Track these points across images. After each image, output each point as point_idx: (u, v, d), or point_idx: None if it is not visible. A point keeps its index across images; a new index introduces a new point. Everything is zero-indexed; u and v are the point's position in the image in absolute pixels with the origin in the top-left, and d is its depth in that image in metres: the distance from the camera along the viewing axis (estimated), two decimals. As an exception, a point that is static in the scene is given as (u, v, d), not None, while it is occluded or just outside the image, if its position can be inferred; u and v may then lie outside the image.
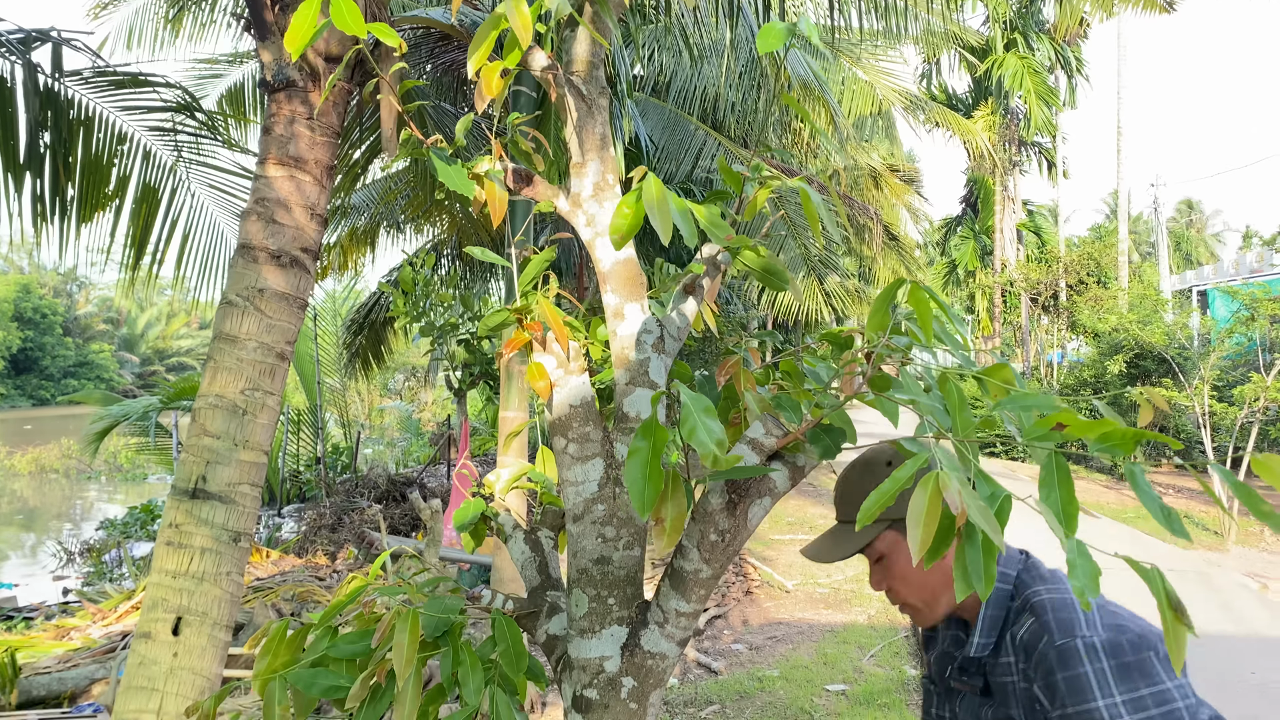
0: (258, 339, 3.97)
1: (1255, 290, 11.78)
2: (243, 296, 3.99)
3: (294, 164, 4.12)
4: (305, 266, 4.18)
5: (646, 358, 1.50)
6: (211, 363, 3.99)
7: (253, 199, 4.13)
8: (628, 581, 1.45)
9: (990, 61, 23.79)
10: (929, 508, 1.04)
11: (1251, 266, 24.08)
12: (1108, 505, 13.44)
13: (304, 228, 4.15)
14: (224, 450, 3.85)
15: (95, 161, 6.27)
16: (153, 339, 69.78)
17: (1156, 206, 26.54)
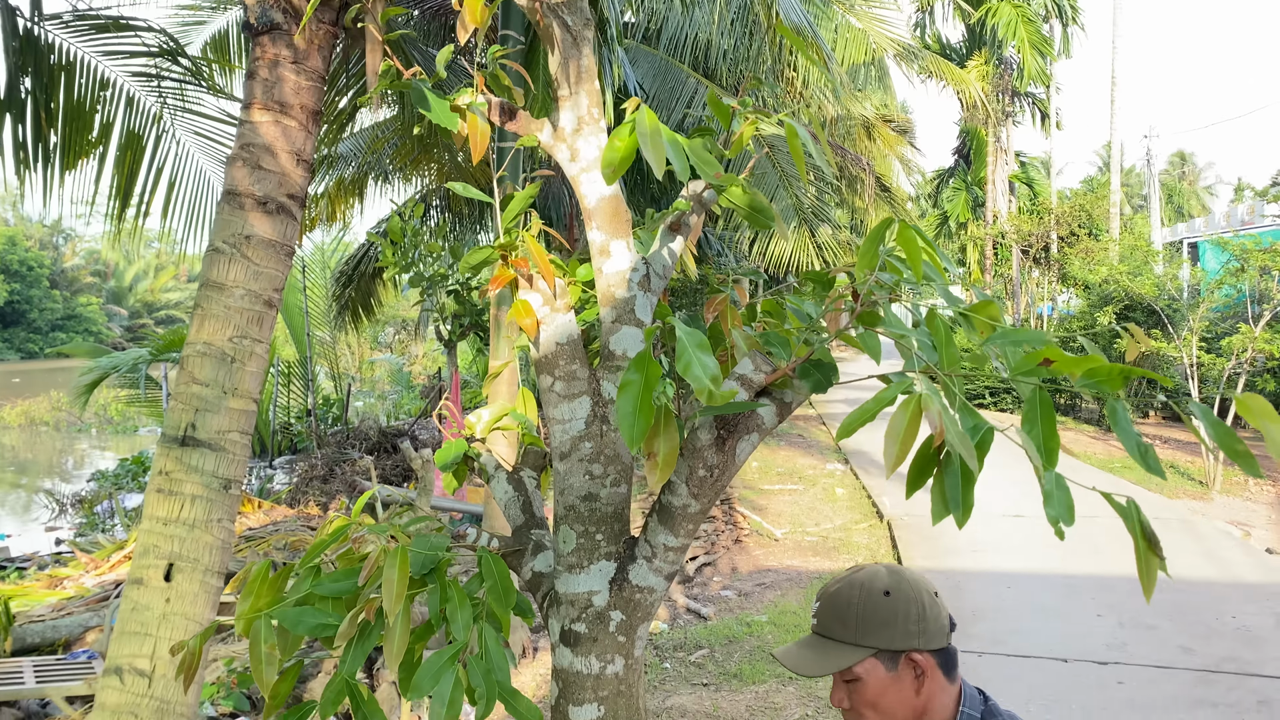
0: (245, 286, 3.94)
1: (1246, 241, 11.78)
2: (229, 244, 3.95)
3: (279, 109, 4.06)
4: (292, 213, 4.14)
5: (633, 296, 1.49)
6: (199, 310, 3.96)
7: (238, 144, 4.08)
8: (615, 518, 1.46)
9: (984, 9, 23.53)
10: (907, 426, 1.04)
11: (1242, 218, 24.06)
12: (1095, 455, 13.55)
13: (290, 173, 4.11)
14: (213, 398, 3.84)
15: (78, 108, 6.19)
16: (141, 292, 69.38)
17: (1149, 158, 26.43)
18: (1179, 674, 5.28)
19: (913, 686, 1.43)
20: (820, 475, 12.51)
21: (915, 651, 1.42)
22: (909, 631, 1.42)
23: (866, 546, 8.70)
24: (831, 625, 1.47)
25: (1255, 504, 10.81)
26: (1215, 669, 5.34)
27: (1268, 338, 11.23)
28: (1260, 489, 11.52)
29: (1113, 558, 7.71)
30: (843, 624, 1.45)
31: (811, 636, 1.53)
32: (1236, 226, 22.96)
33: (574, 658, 1.44)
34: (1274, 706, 4.83)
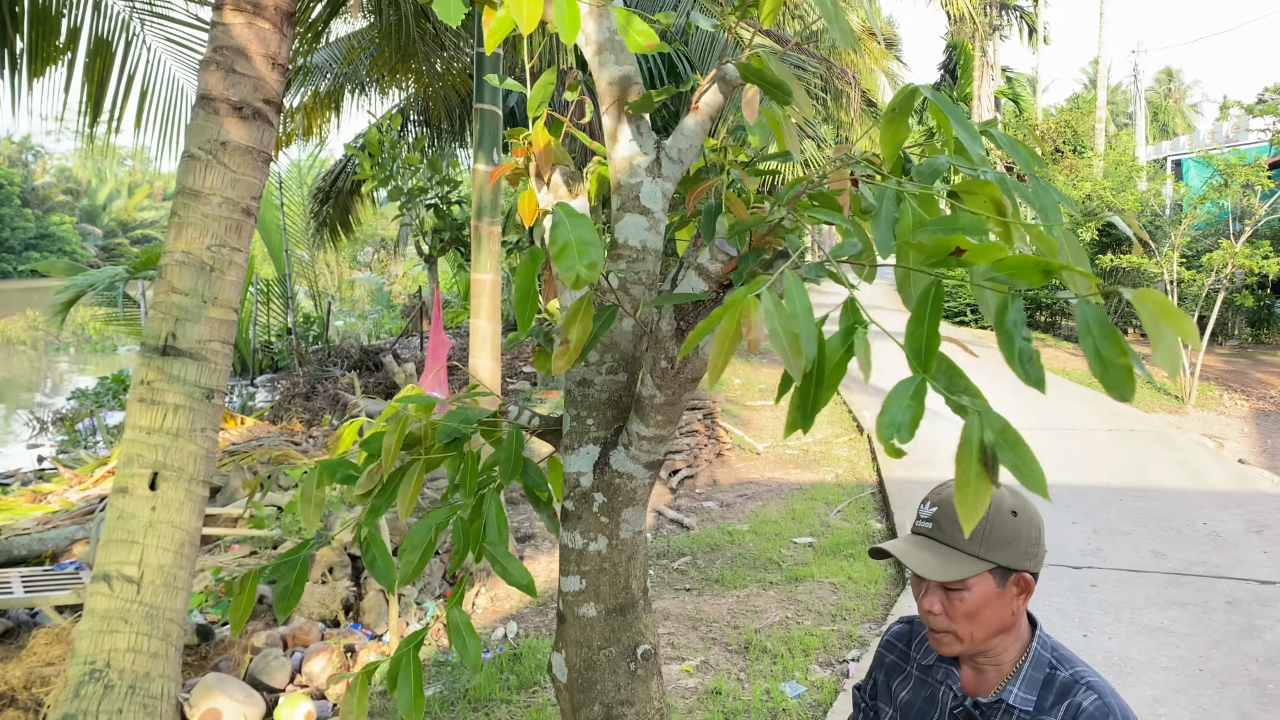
0: (222, 194, 3.88)
1: (1230, 157, 11.76)
2: (204, 150, 3.87)
3: (252, 9, 3.95)
4: (268, 119, 4.05)
5: (639, 182, 1.47)
6: (176, 219, 3.90)
7: (210, 47, 3.96)
8: (609, 404, 1.46)
9: (974, -81, 23.01)
10: (730, 333, 0.94)
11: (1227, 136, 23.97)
12: (1073, 371, 13.68)
13: (265, 77, 4.01)
14: (193, 307, 3.80)
15: (43, 12, 6.00)
16: (115, 211, 68.30)
17: (1136, 74, 26.21)
18: (1150, 576, 5.41)
19: (1012, 604, 1.49)
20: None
21: (1026, 573, 1.49)
22: (1026, 553, 1.48)
23: (847, 459, 8.81)
24: (955, 533, 1.50)
25: (1229, 418, 10.99)
26: (1185, 572, 5.47)
27: (1248, 253, 11.29)
28: (1235, 404, 11.69)
29: (1089, 470, 7.84)
30: (970, 534, 1.48)
31: (927, 540, 1.54)
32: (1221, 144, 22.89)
33: (564, 533, 1.48)
34: (1240, 606, 4.96)
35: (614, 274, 1.46)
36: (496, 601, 5.63)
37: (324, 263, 23.72)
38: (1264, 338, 16.94)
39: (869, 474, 8.21)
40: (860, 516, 7.03)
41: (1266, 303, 16.69)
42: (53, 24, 6.09)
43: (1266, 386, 12.71)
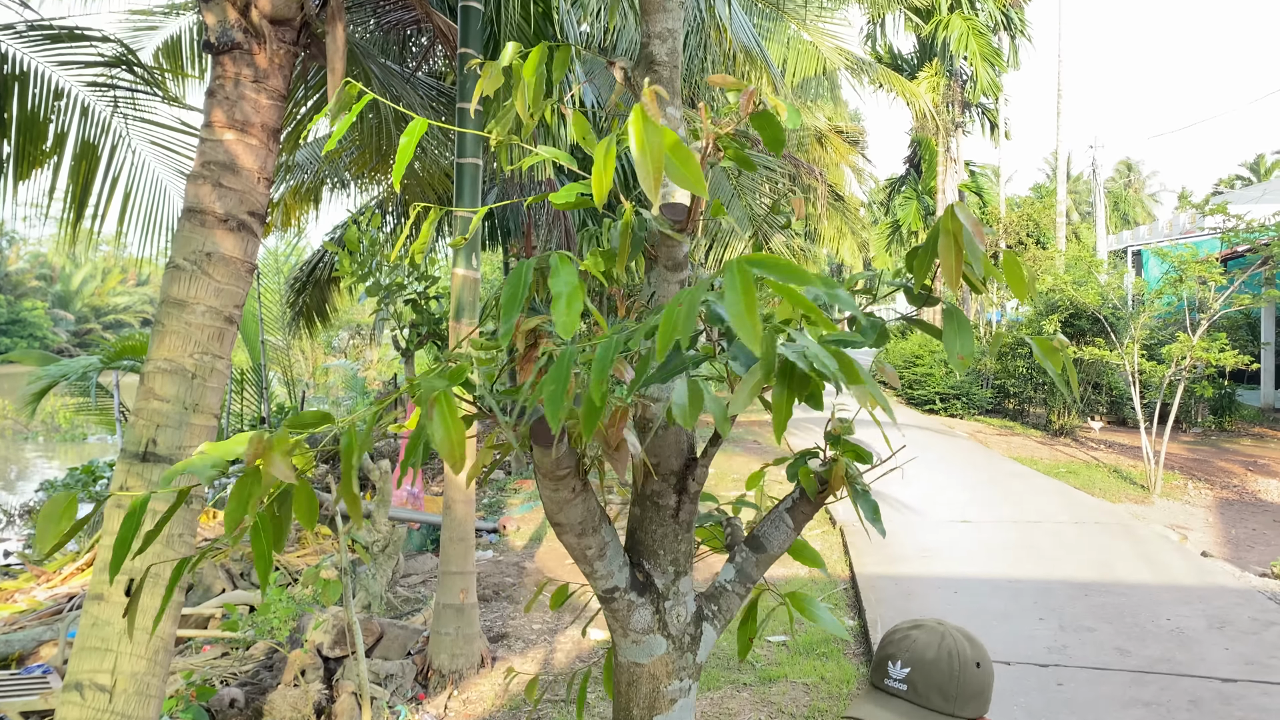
0: (206, 303, 3.99)
1: (1184, 253, 12.15)
2: (190, 261, 3.99)
3: (240, 127, 4.11)
4: (253, 230, 4.19)
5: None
6: (160, 327, 4.00)
7: (199, 162, 4.12)
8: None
9: (935, 22, 23.96)
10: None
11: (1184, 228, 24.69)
12: (1041, 461, 13.87)
13: (251, 191, 4.16)
14: (174, 414, 3.88)
15: (31, 118, 6.16)
16: (88, 295, 68.09)
17: (1095, 168, 27.04)
18: (1115, 675, 5.48)
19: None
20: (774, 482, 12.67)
21: (983, 717, 1.58)
22: (987, 699, 1.58)
23: (820, 552, 8.84)
24: (930, 696, 1.57)
25: (1194, 507, 11.15)
26: (1149, 670, 5.55)
27: (1205, 345, 11.60)
28: (1199, 492, 11.88)
29: (1055, 562, 7.94)
30: (944, 696, 1.56)
31: (903, 703, 1.59)
32: (1178, 236, 23.56)
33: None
34: (1203, 706, 5.04)
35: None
36: (469, 705, 5.60)
37: (299, 349, 23.76)
38: (1226, 425, 17.26)
39: (842, 568, 8.27)
40: (834, 613, 7.07)
41: (1227, 391, 17.05)
42: (40, 129, 6.24)
43: (1230, 475, 12.93)
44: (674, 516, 1.67)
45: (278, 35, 4.17)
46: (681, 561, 1.72)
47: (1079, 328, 15.33)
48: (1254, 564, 8.31)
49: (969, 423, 18.24)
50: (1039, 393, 17.70)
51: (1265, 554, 8.78)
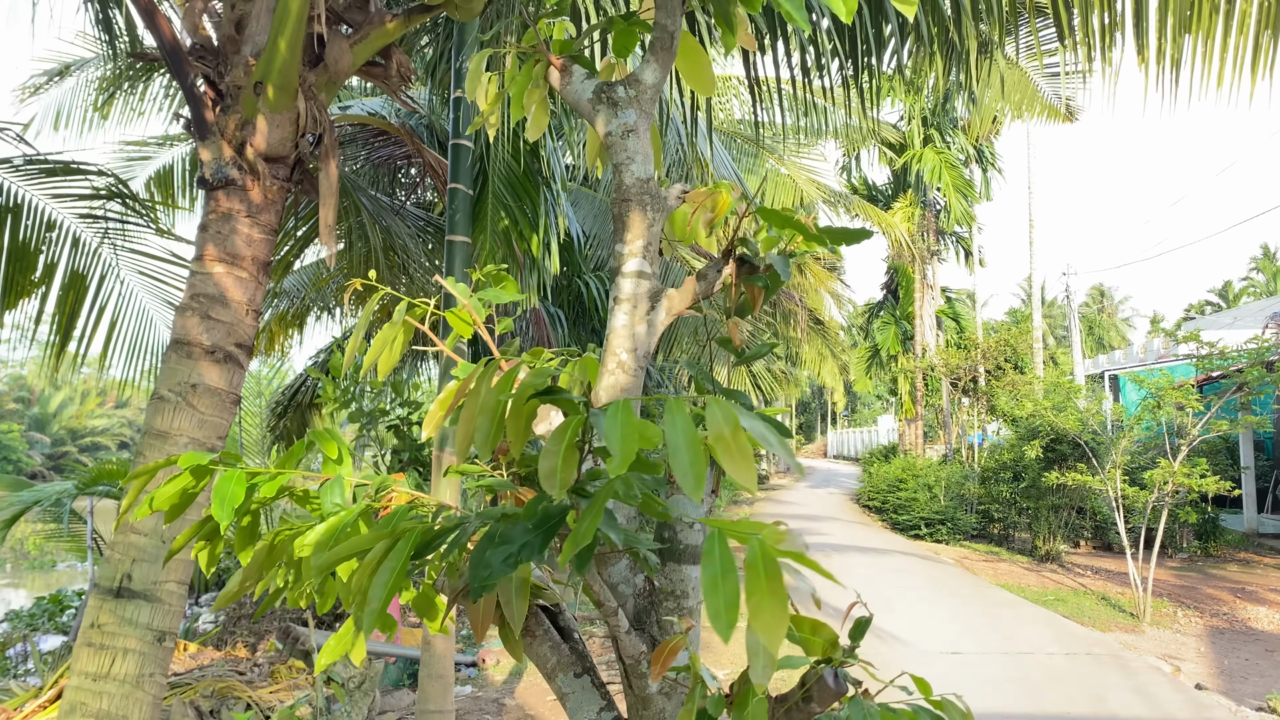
0: (189, 435, 3.97)
1: (1159, 380, 12.32)
2: (175, 392, 3.99)
3: (231, 260, 4.17)
4: (239, 361, 4.20)
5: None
6: (140, 458, 3.97)
7: (188, 294, 4.15)
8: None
9: (908, 155, 24.78)
10: None
11: (1158, 352, 25.09)
12: (1028, 588, 13.71)
13: (239, 323, 4.19)
14: (152, 548, 3.81)
15: (22, 248, 6.23)
16: (66, 419, 67.49)
17: (1069, 295, 27.62)
18: (1116, 816, 5.31)
19: None
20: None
21: None
22: None
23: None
24: None
25: (1185, 636, 11.01)
26: (1151, 810, 5.39)
27: (1186, 471, 11.64)
28: (1189, 621, 11.74)
29: (1048, 698, 7.77)
30: None
31: None
32: (1153, 360, 23.94)
33: None
34: None
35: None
36: None
37: (277, 474, 23.47)
38: (1212, 550, 17.20)
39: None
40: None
41: (1210, 516, 17.05)
42: (30, 260, 6.31)
43: (1219, 602, 12.81)
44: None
45: (271, 172, 4.27)
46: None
47: (1060, 453, 15.39)
48: (1249, 696, 8.15)
49: (955, 548, 18.09)
50: (1023, 517, 17.64)
51: (1260, 685, 8.63)
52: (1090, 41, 5.11)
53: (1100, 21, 5.00)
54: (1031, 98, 7.49)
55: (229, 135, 4.19)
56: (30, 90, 9.95)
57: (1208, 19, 4.86)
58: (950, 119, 25.02)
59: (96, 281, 6.77)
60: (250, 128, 4.20)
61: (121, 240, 6.75)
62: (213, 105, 4.28)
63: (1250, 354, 12.41)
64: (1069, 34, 5.16)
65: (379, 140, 7.67)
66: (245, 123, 4.19)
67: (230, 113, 4.23)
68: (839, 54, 5.36)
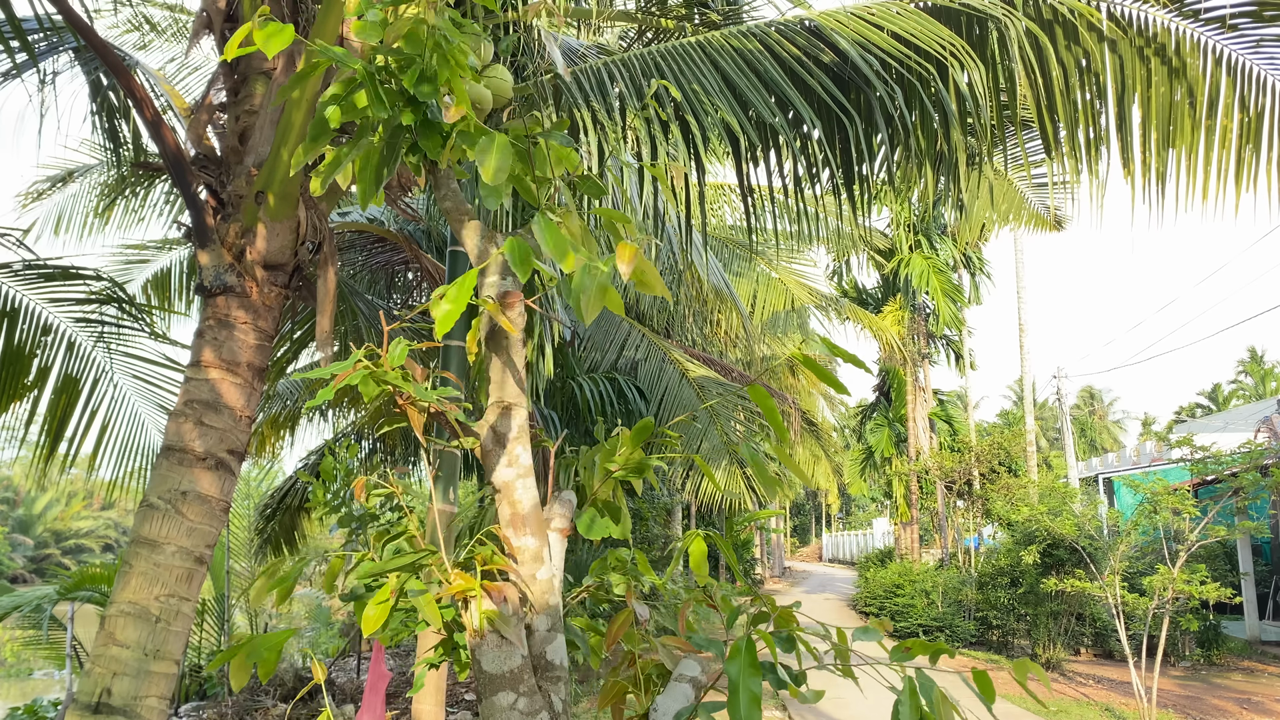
0: (177, 543, 3.90)
1: (1154, 485, 12.27)
2: (164, 499, 3.93)
3: (227, 367, 4.16)
4: (230, 468, 4.16)
5: (559, 603, 1.56)
6: (126, 567, 3.89)
7: (182, 400, 4.13)
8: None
9: (897, 260, 25.16)
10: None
11: (1152, 455, 25.11)
12: (1026, 699, 13.39)
13: (233, 429, 4.16)
14: (133, 661, 3.71)
15: (17, 352, 6.23)
16: (50, 520, 66.55)
17: (1060, 398, 27.78)
18: None
19: None
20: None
21: None
22: None
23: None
24: None
25: (1191, 749, 10.73)
26: None
27: (1185, 577, 11.51)
28: (1194, 733, 11.45)
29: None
30: None
31: None
32: (1147, 463, 23.92)
33: None
34: None
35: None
36: None
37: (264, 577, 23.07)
38: (1215, 658, 16.89)
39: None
40: None
41: (1212, 623, 16.79)
42: (24, 364, 6.30)
43: (1224, 714, 12.52)
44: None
45: (270, 278, 4.30)
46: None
47: (1058, 558, 15.23)
48: (1261, 813, 7.90)
49: (957, 661, 17.75)
50: (1022, 624, 17.35)
51: (1271, 802, 8.37)
52: (1076, 154, 5.23)
53: (1085, 135, 5.13)
54: (1019, 207, 7.65)
55: (229, 242, 4.23)
56: (33, 196, 10.08)
57: (1190, 134, 4.99)
58: (938, 225, 25.48)
59: (89, 385, 6.75)
60: (250, 235, 4.24)
61: (116, 343, 6.77)
62: (214, 213, 4.34)
63: (1244, 458, 12.40)
64: (1055, 147, 5.29)
65: (377, 246, 7.76)
66: (246, 230, 4.24)
67: (231, 220, 4.28)
68: (830, 163, 5.47)
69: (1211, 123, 5.06)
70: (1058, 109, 5.00)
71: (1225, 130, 5.03)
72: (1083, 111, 5.14)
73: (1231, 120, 5.05)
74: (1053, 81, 4.90)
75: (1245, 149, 5.11)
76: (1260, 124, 5.04)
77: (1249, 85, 4.92)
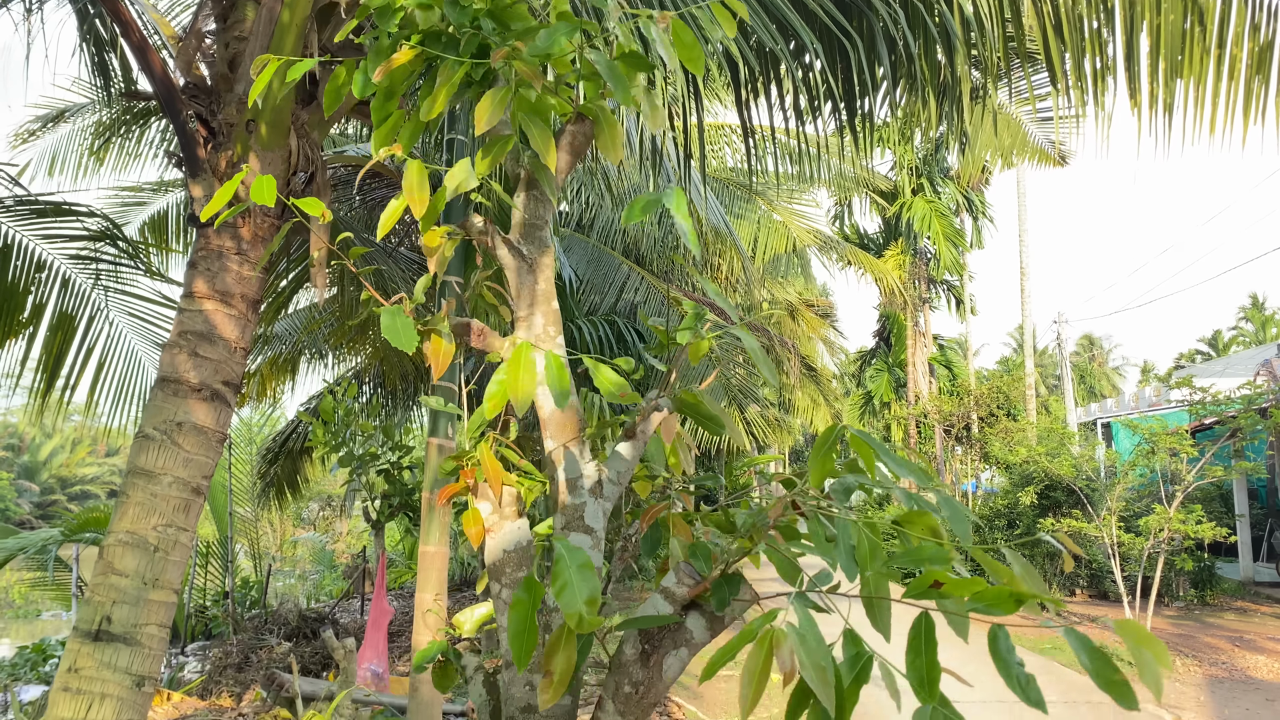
0: (173, 474, 3.90)
1: (1153, 425, 12.29)
2: (160, 430, 3.92)
3: (220, 298, 4.13)
4: (226, 400, 4.14)
5: (583, 502, 1.54)
6: (124, 497, 3.89)
7: (176, 331, 4.11)
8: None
9: (899, 204, 24.97)
10: (760, 667, 1.06)
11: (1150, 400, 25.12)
12: (1025, 636, 13.55)
13: (226, 361, 4.13)
14: (132, 589, 3.72)
15: (11, 289, 6.19)
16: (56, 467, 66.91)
17: (1060, 343, 27.72)
18: None
19: None
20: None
21: None
22: None
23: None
24: None
25: (1184, 686, 10.85)
26: None
27: (1181, 517, 11.57)
28: (1188, 670, 11.59)
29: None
30: None
31: None
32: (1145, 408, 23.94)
33: None
34: None
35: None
36: None
37: (267, 521, 23.28)
38: (1209, 598, 17.04)
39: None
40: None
41: (1206, 564, 16.92)
42: (19, 300, 6.26)
43: (1217, 651, 12.65)
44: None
45: (262, 209, 4.24)
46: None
47: (1055, 499, 15.30)
48: (1251, 746, 8.01)
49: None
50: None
51: (1262, 735, 8.49)
52: (1082, 86, 5.14)
53: (1092, 66, 5.03)
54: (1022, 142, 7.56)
55: (220, 172, 4.17)
56: (24, 136, 9.95)
57: (1199, 64, 4.89)
58: (940, 168, 25.26)
59: (85, 323, 6.72)
60: (242, 165, 4.18)
61: (112, 282, 6.72)
62: (205, 143, 4.27)
63: (1243, 400, 12.40)
64: (1061, 78, 5.19)
65: (372, 182, 7.68)
66: (237, 160, 4.17)
67: (222, 150, 4.22)
68: (832, 95, 5.38)
69: (1221, 52, 4.96)
70: (1065, 36, 4.90)
71: (1235, 60, 4.93)
72: (1090, 40, 5.04)
73: (1241, 49, 4.95)
74: (1060, 6, 4.80)
75: (1254, 80, 5.02)
76: (1270, 53, 4.95)
77: (1260, 11, 4.81)
